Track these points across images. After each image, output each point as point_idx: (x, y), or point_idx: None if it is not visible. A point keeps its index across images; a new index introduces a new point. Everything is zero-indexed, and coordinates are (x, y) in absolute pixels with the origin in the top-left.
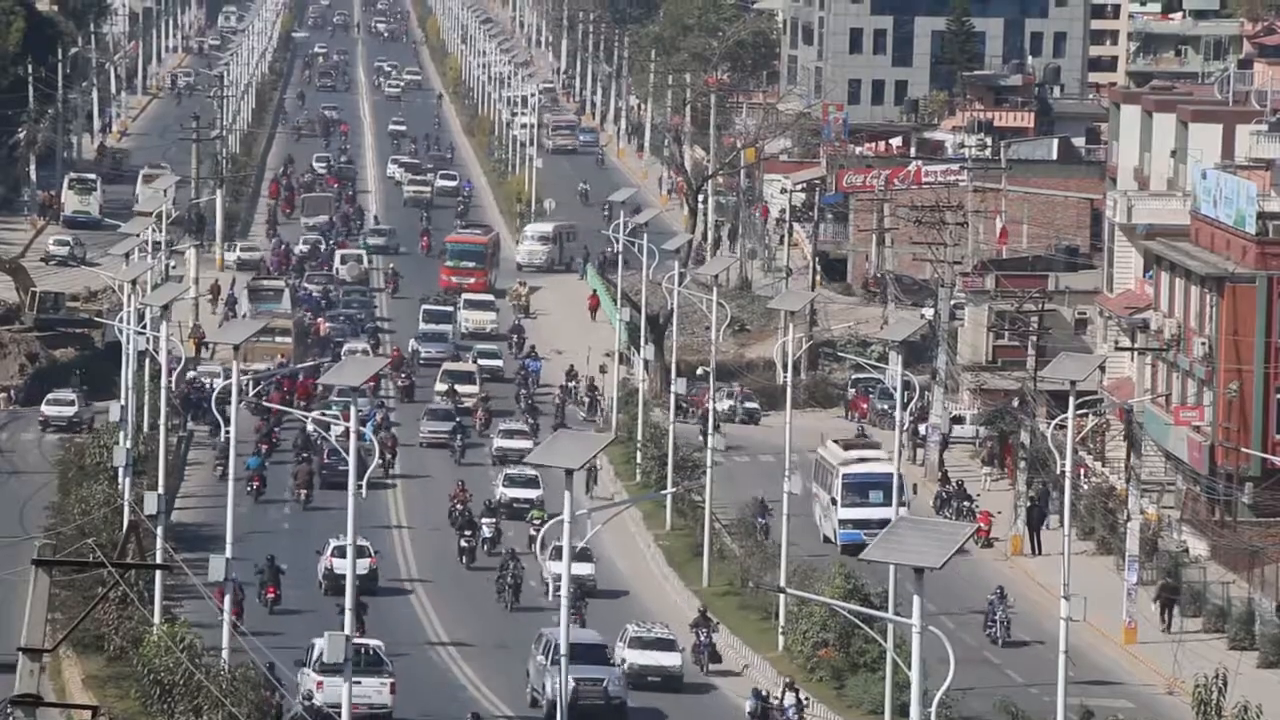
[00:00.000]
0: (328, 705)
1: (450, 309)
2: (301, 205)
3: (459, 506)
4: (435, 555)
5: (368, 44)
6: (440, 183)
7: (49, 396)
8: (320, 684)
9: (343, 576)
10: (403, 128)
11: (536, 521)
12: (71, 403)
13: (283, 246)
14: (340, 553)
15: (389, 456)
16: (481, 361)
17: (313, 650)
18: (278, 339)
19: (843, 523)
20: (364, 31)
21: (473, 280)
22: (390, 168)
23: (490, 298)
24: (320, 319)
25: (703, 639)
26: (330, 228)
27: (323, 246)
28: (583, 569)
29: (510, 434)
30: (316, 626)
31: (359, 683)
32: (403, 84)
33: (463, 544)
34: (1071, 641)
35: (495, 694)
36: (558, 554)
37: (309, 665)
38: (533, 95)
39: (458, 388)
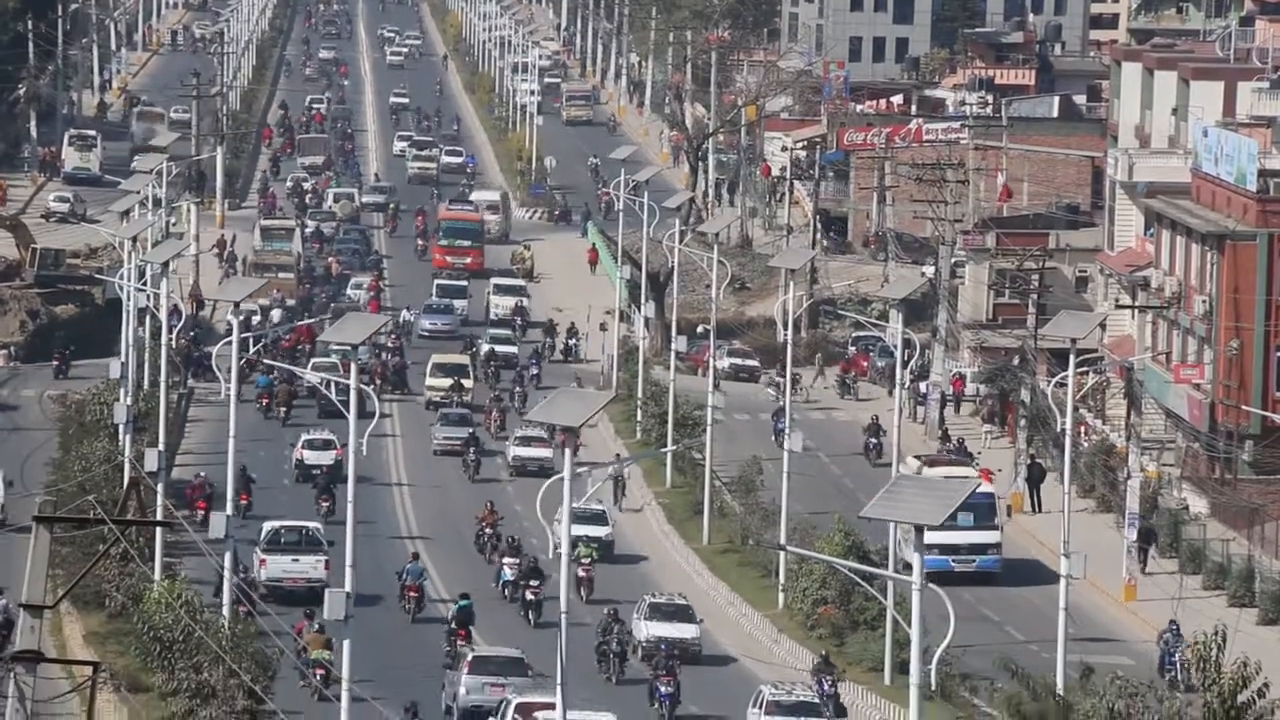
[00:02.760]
0: (269, 579)
1: (464, 284)
2: (298, 146)
3: (488, 530)
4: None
5: (369, 6)
6: (445, 159)
7: None
8: (264, 561)
9: (312, 466)
10: (405, 100)
11: (585, 562)
12: None
13: (270, 191)
14: (309, 445)
15: (379, 382)
16: (496, 348)
17: (262, 531)
18: (280, 275)
19: (928, 547)
20: None
21: (469, 260)
22: (397, 145)
23: (521, 282)
24: (332, 258)
25: (826, 688)
26: (327, 167)
27: (306, 185)
28: (686, 631)
29: (528, 441)
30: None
31: (297, 560)
32: (405, 51)
33: (529, 595)
34: (1071, 599)
35: None
36: (654, 613)
37: (258, 545)
38: (540, 59)
39: (447, 381)
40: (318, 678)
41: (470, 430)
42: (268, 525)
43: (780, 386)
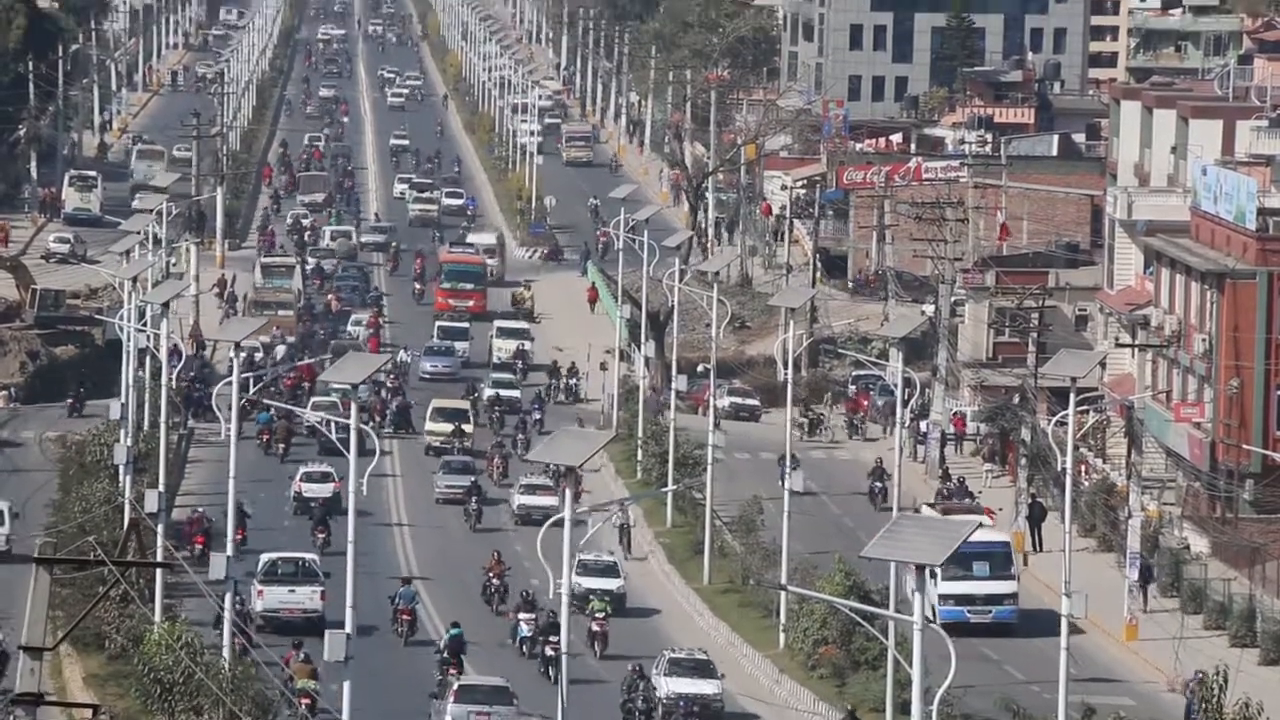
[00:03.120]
0: (265, 610)
1: (465, 326)
2: (298, 184)
3: (494, 581)
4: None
5: (369, 46)
6: (446, 201)
7: None
8: (261, 592)
9: (311, 499)
10: (405, 141)
11: (599, 616)
12: None
13: (269, 228)
14: (308, 478)
15: (377, 419)
16: (500, 392)
17: (259, 563)
18: (280, 312)
19: (943, 598)
20: (364, 33)
21: (471, 303)
22: (398, 187)
23: (525, 325)
24: (333, 295)
25: None
26: (329, 204)
27: (306, 221)
28: (707, 687)
29: (533, 489)
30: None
31: (294, 591)
32: (406, 92)
33: (548, 651)
34: (1072, 638)
35: None
36: (674, 669)
37: (255, 576)
38: (540, 99)
39: (448, 427)
40: (304, 707)
41: (472, 479)
42: (264, 557)
43: (805, 426)
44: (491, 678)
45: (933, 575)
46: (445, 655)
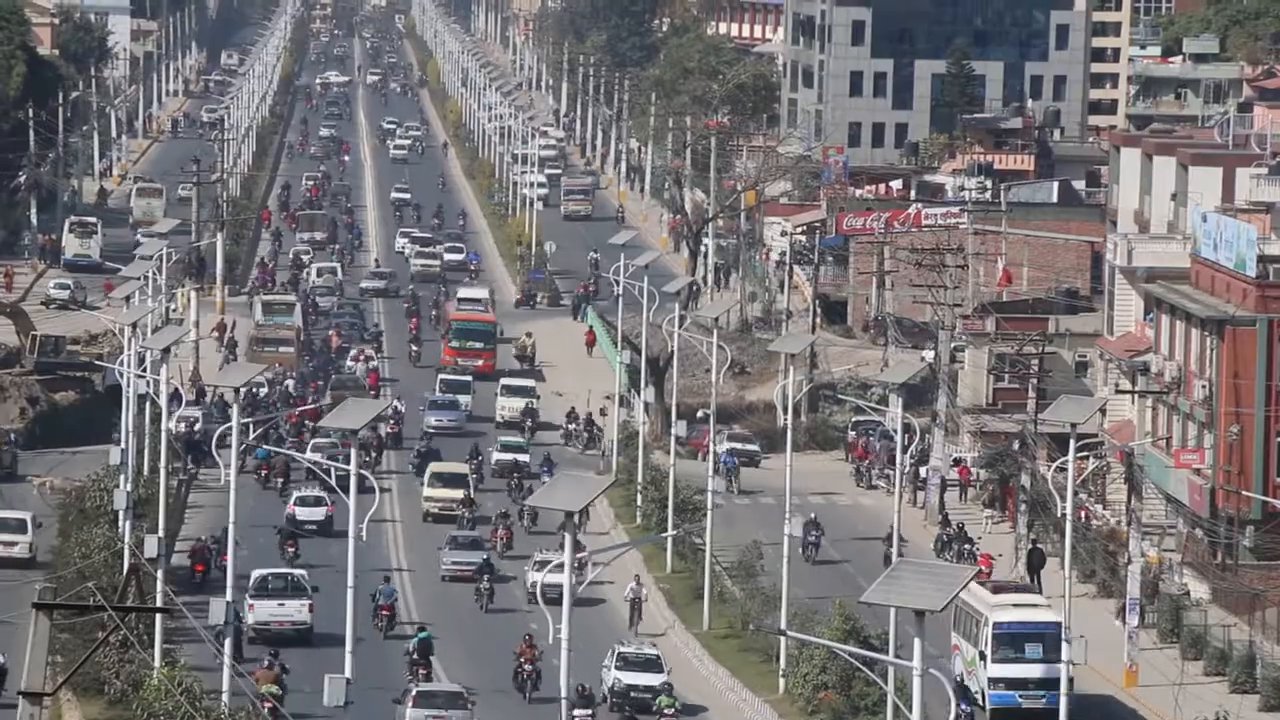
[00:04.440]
0: (257, 623)
1: (468, 379)
2: (298, 222)
3: (527, 666)
4: None
5: (369, 96)
6: (447, 256)
7: None
8: (252, 606)
9: (302, 521)
10: (406, 195)
11: (669, 713)
12: None
13: (268, 265)
14: (301, 501)
15: (375, 454)
16: (506, 456)
17: (250, 579)
18: (280, 349)
19: (993, 681)
20: (363, 82)
21: (480, 362)
22: (399, 241)
23: (530, 383)
24: (333, 332)
25: None
26: (331, 241)
27: (306, 258)
28: None
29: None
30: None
31: (283, 604)
32: (408, 144)
33: None
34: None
35: None
36: None
37: (247, 591)
38: (541, 148)
39: (448, 493)
40: (266, 710)
41: (484, 556)
42: (255, 573)
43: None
44: (449, 684)
45: (982, 657)
46: (415, 657)
